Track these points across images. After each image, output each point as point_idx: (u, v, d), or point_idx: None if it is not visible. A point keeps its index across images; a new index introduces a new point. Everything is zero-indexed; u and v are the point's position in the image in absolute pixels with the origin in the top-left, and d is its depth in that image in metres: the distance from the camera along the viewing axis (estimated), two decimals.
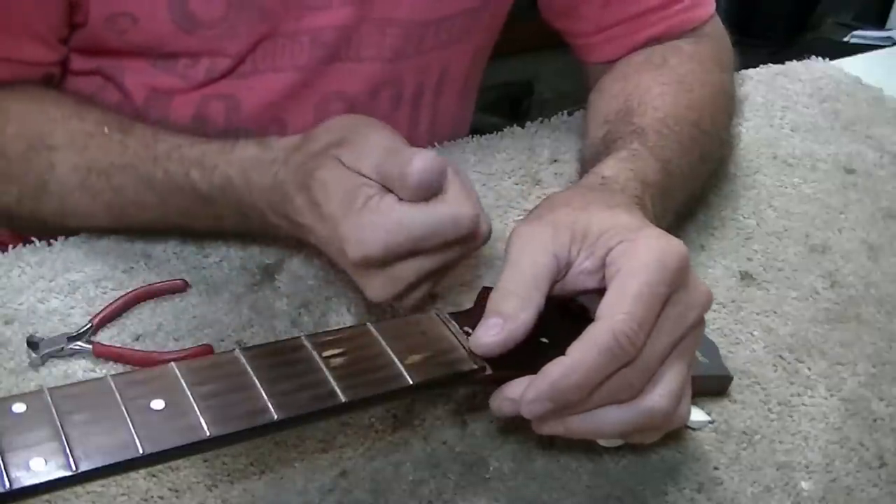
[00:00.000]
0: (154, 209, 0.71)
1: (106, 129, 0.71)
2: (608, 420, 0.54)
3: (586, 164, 0.75)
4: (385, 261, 0.60)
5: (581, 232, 0.57)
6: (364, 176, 0.60)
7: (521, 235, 0.58)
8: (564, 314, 0.59)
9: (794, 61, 1.08)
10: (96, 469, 0.43)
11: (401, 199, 0.60)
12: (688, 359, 0.56)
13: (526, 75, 2.34)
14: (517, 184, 0.84)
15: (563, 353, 0.53)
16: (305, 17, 0.79)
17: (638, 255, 0.55)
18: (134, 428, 0.45)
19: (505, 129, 0.91)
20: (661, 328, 0.54)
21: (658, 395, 0.54)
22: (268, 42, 0.79)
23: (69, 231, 0.74)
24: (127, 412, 0.45)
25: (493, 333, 0.54)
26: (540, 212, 0.61)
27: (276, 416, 0.47)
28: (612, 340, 0.52)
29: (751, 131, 0.95)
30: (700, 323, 0.57)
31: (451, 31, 0.85)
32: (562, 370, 0.52)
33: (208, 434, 0.46)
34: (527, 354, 0.55)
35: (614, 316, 0.52)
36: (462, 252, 0.62)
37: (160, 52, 0.78)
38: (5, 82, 0.75)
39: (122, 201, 0.71)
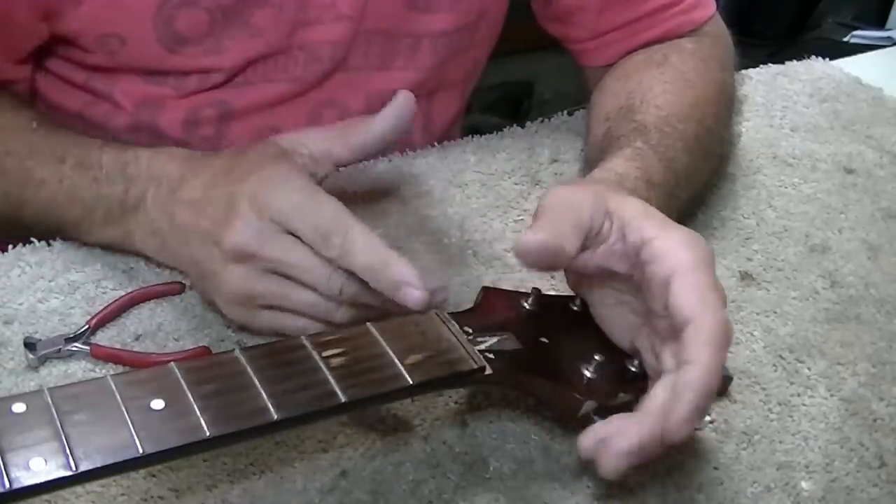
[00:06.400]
0: (49, 182, 0.70)
1: (35, 125, 0.72)
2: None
3: (592, 165, 0.75)
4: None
5: (616, 207, 0.57)
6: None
7: (558, 192, 0.57)
8: (565, 314, 0.59)
9: (794, 61, 1.08)
10: (96, 469, 0.43)
11: None
12: None
13: (526, 75, 2.34)
14: (517, 184, 0.84)
15: (563, 352, 0.53)
16: (298, 33, 0.78)
17: (683, 254, 0.54)
18: (134, 428, 0.45)
19: (505, 129, 0.91)
20: None
21: None
22: (260, 58, 0.79)
23: None
24: (127, 412, 0.45)
25: (536, 236, 0.53)
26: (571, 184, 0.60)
27: (276, 416, 0.48)
28: (724, 333, 0.52)
29: (751, 131, 0.95)
30: None
31: (448, 45, 0.85)
32: (696, 380, 0.50)
33: (208, 434, 0.46)
34: (527, 354, 0.55)
35: (711, 310, 0.52)
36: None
37: (150, 70, 0.79)
38: None
39: (24, 179, 0.71)
